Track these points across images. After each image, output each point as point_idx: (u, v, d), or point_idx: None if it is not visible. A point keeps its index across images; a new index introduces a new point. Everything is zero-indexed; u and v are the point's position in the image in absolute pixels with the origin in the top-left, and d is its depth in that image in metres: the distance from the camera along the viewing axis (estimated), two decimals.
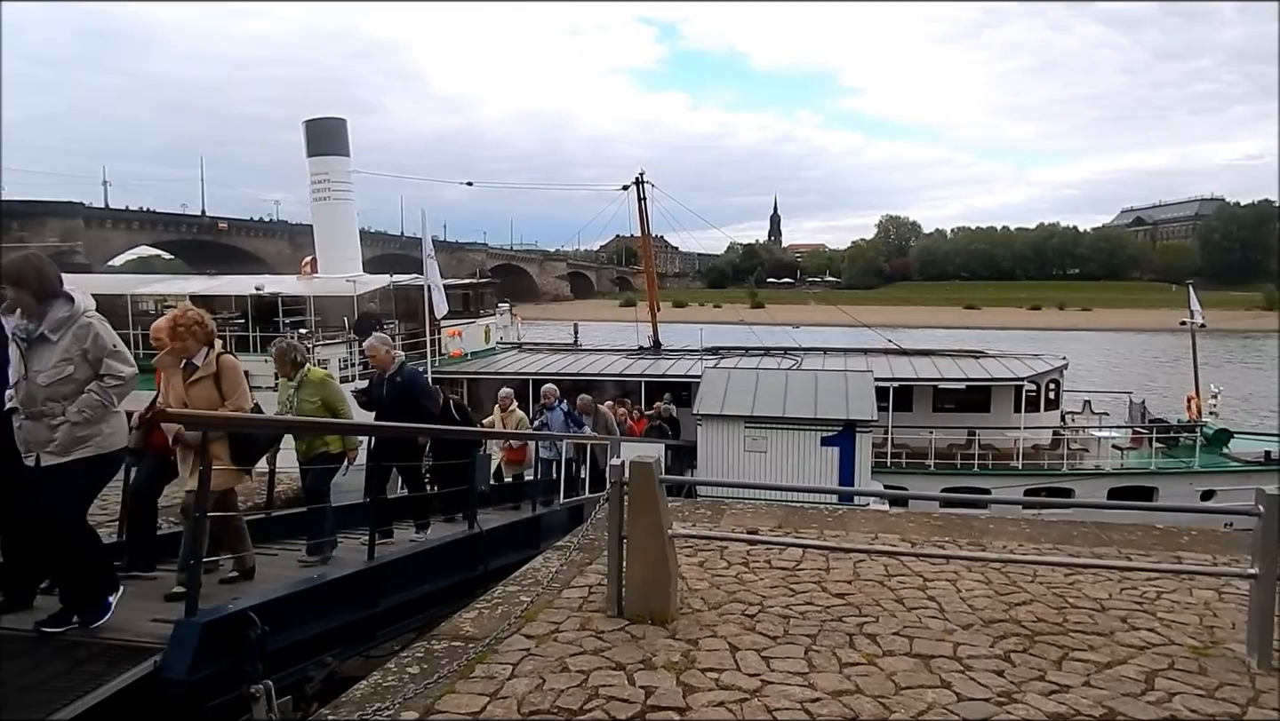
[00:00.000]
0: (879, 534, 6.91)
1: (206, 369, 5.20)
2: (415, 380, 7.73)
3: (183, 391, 5.19)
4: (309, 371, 6.63)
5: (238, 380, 5.26)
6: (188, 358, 5.21)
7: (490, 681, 3.94)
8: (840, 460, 15.48)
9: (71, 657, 3.68)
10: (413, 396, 7.54)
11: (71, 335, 4.21)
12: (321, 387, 6.54)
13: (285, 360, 6.63)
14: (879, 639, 4.50)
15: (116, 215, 75.25)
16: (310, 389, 6.51)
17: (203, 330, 5.23)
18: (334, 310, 21.16)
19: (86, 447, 4.21)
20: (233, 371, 5.26)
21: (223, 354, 5.33)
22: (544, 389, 11.99)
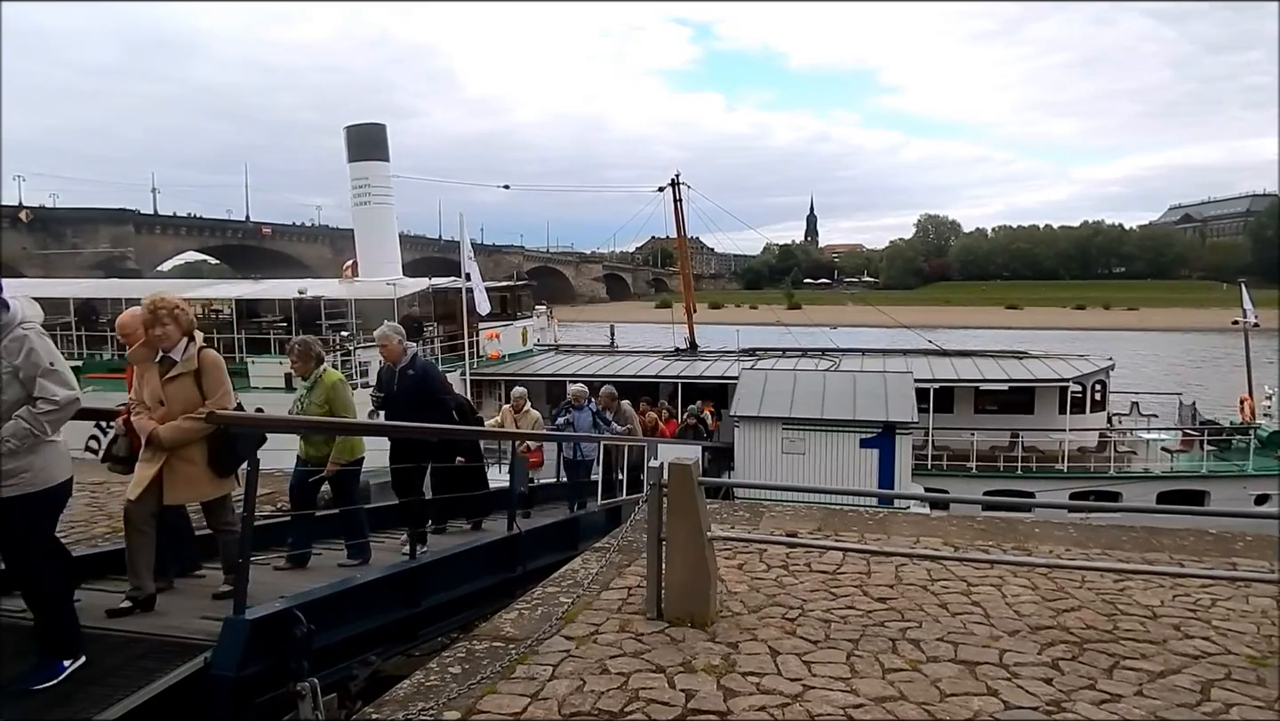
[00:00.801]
0: (921, 537, 6.82)
1: (186, 364, 4.70)
2: (429, 373, 7.18)
3: (159, 389, 4.68)
4: (325, 372, 6.28)
5: (221, 376, 4.77)
6: (165, 351, 4.72)
7: (531, 682, 3.96)
8: (880, 462, 15.31)
9: (128, 653, 3.78)
10: (427, 390, 7.00)
11: (2, 349, 3.62)
12: (331, 392, 6.19)
13: (308, 355, 6.25)
14: (923, 644, 4.44)
15: (165, 221, 77.18)
16: (321, 392, 6.18)
17: (180, 319, 4.72)
18: (375, 313, 21.41)
19: (14, 484, 3.61)
20: (216, 367, 4.77)
21: (205, 348, 4.83)
22: (571, 389, 11.47)
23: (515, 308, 25.87)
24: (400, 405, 6.90)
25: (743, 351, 24.04)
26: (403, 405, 6.88)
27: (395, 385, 6.99)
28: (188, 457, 4.62)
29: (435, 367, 7.70)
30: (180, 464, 4.61)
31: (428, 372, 7.14)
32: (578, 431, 10.59)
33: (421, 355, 7.43)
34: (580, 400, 11.07)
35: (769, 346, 26.00)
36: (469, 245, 20.01)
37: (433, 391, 7.04)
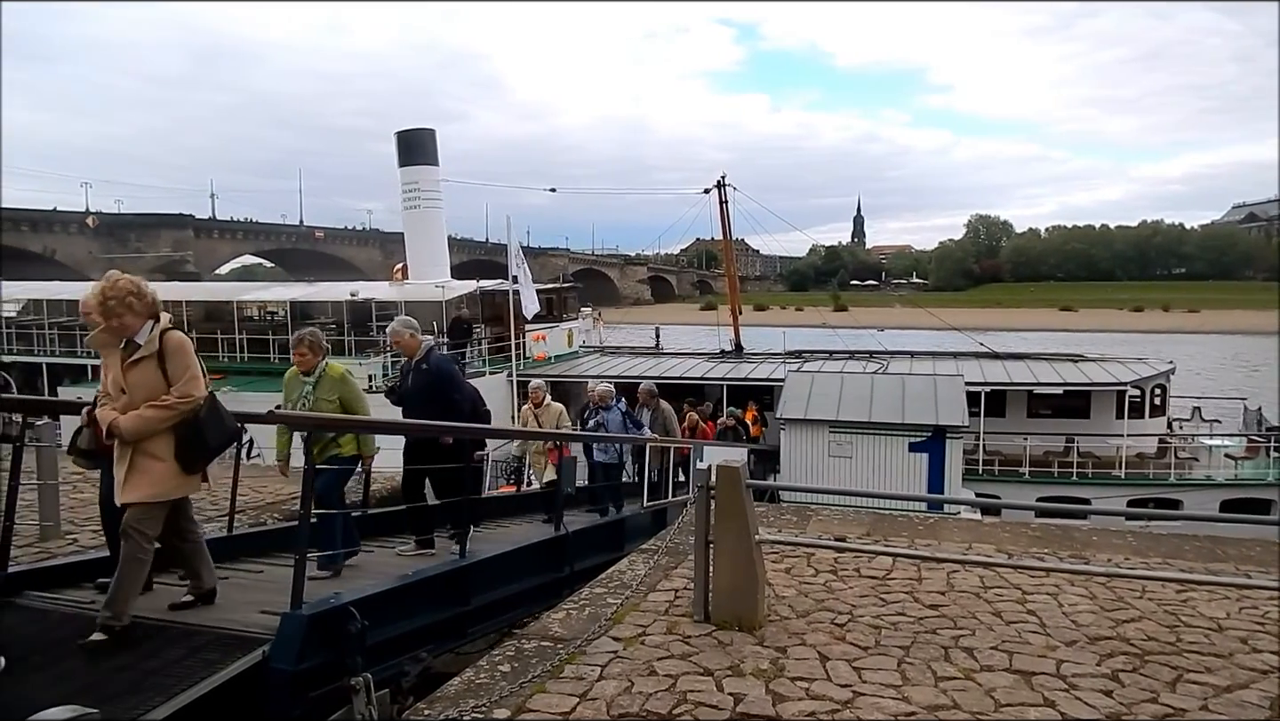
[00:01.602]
0: (973, 544, 6.70)
1: (149, 347, 4.25)
2: (442, 369, 6.71)
3: (121, 375, 4.26)
4: (328, 366, 5.84)
5: (187, 361, 4.28)
6: (128, 335, 4.28)
7: (579, 682, 3.98)
8: (929, 467, 15.06)
9: (190, 644, 3.90)
10: (438, 388, 6.54)
11: None
12: (341, 385, 5.78)
13: (319, 347, 5.86)
14: (976, 653, 4.35)
15: (223, 226, 79.41)
16: (328, 386, 5.76)
17: (140, 301, 4.25)
18: (424, 315, 21.74)
19: None
20: (181, 351, 4.28)
21: (169, 330, 4.34)
22: (597, 389, 10.64)
23: (561, 309, 26.03)
24: (413, 402, 6.61)
25: (789, 353, 23.85)
26: (415, 402, 6.58)
27: (410, 380, 6.72)
28: (151, 451, 4.18)
29: (451, 364, 7.03)
30: (143, 458, 4.17)
31: (440, 369, 6.69)
32: (608, 431, 10.02)
33: (440, 350, 7.04)
34: (606, 400, 10.36)
35: (815, 348, 25.74)
36: (517, 248, 20.20)
37: (444, 390, 6.58)
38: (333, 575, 5.40)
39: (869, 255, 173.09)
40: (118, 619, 4.02)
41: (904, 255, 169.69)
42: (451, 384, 6.69)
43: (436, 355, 6.78)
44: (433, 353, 6.75)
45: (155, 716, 3.31)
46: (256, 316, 25.79)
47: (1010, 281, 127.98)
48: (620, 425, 10.14)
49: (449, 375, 6.75)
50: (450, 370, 6.87)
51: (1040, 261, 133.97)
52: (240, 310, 23.52)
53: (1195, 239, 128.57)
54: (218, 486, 7.45)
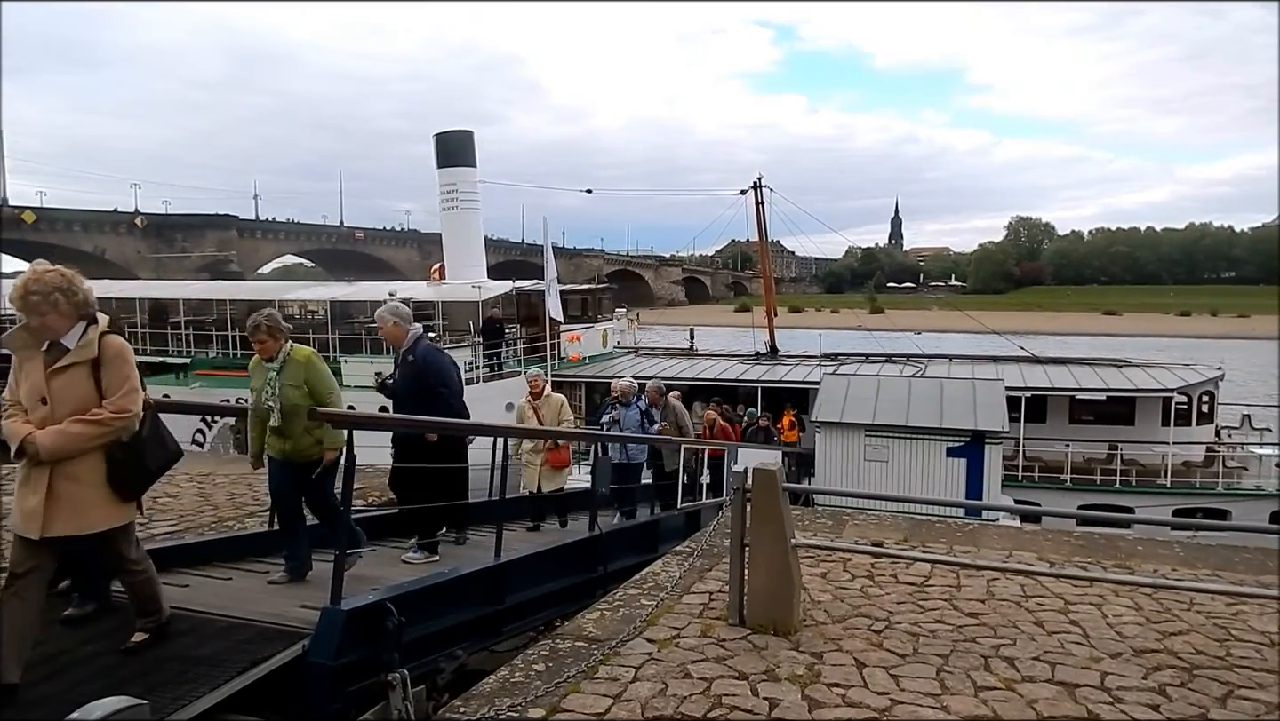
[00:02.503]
0: (1013, 551, 6.58)
1: (82, 352, 3.63)
2: (429, 359, 6.25)
3: (42, 383, 3.58)
4: (292, 350, 5.27)
5: (126, 370, 3.68)
6: (52, 337, 3.63)
7: (614, 683, 3.98)
8: (967, 472, 14.84)
9: (233, 637, 3.98)
10: (423, 381, 6.14)
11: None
12: (307, 369, 5.19)
13: (278, 331, 5.29)
14: (1017, 663, 4.28)
15: (265, 226, 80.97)
16: (294, 371, 5.19)
17: (68, 299, 3.61)
18: (460, 315, 22.00)
19: None
20: (120, 359, 3.68)
21: (108, 333, 3.74)
22: (617, 385, 10.02)
23: (596, 310, 26.11)
24: (400, 395, 6.27)
25: (824, 356, 23.66)
26: (401, 395, 6.25)
27: (398, 373, 6.36)
28: (76, 475, 3.54)
29: (439, 355, 6.41)
30: (66, 484, 3.52)
31: (427, 360, 6.23)
32: (625, 429, 9.47)
33: (429, 341, 6.52)
34: (627, 396, 9.78)
35: (851, 351, 25.50)
36: (551, 250, 20.32)
37: (428, 382, 6.15)
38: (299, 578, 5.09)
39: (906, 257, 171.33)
40: (156, 617, 3.98)
41: (942, 257, 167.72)
42: (437, 376, 6.21)
43: (424, 345, 6.32)
44: (420, 342, 6.30)
45: (200, 706, 3.38)
46: (298, 315, 26.25)
47: (1052, 285, 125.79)
48: (638, 423, 9.57)
49: (435, 367, 6.24)
50: (436, 361, 6.30)
51: (1083, 264, 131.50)
52: (282, 309, 23.93)
53: (1245, 242, 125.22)
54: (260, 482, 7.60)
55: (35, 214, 61.57)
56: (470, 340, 20.45)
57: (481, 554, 6.04)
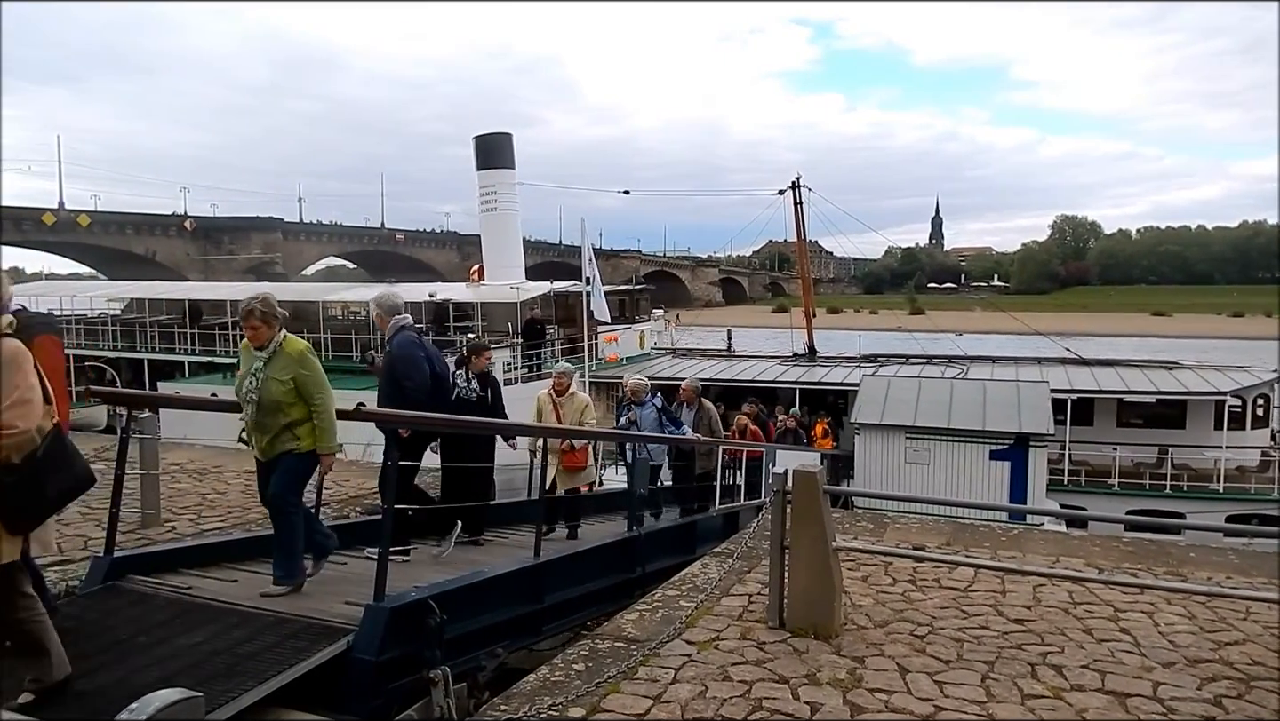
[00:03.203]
0: (1060, 557, 6.45)
1: None
2: (400, 352, 5.90)
3: None
4: (285, 341, 4.82)
5: (17, 379, 3.17)
6: None
7: (653, 684, 3.98)
8: (1011, 476, 14.60)
9: (280, 632, 4.05)
10: (393, 373, 5.91)
11: None
12: (300, 365, 4.74)
13: (273, 318, 4.84)
14: (1065, 671, 4.19)
15: (309, 229, 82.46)
16: (283, 364, 4.73)
17: None
18: (499, 315, 22.20)
19: None
20: (11, 366, 3.16)
21: (4, 335, 3.24)
22: (630, 382, 9.39)
23: (634, 311, 26.15)
24: (379, 386, 6.07)
25: (864, 357, 23.44)
26: (381, 385, 6.06)
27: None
28: None
29: (411, 348, 5.94)
30: None
31: (399, 352, 5.93)
32: (642, 429, 8.86)
33: (411, 333, 6.04)
34: (640, 395, 9.13)
35: (891, 352, 25.22)
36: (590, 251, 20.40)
37: (394, 375, 5.86)
38: (295, 589, 4.73)
39: (947, 257, 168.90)
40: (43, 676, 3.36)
41: (984, 257, 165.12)
42: (405, 368, 5.86)
43: (401, 337, 5.94)
44: (400, 334, 5.95)
45: (248, 700, 3.45)
46: (340, 316, 26.68)
47: (1098, 285, 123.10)
48: (654, 423, 8.98)
49: (402, 359, 5.92)
50: (406, 354, 5.92)
51: (1131, 264, 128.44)
52: (325, 310, 24.34)
53: None
54: None
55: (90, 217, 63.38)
56: (510, 341, 20.62)
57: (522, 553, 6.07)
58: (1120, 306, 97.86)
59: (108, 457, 8.21)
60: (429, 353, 5.96)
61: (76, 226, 62.17)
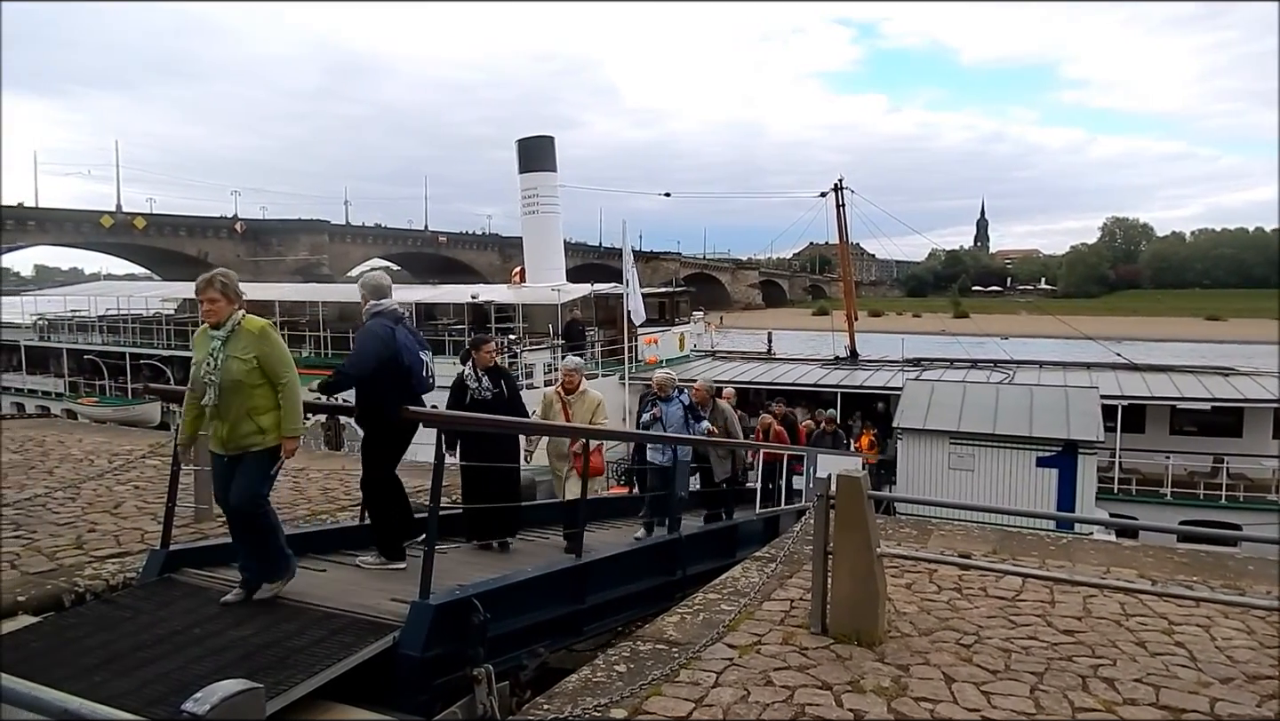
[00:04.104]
0: (1111, 567, 6.29)
1: None
2: (358, 339, 5.49)
3: None
4: (244, 319, 4.51)
5: None
6: None
7: (695, 688, 3.97)
8: (1059, 484, 14.29)
9: (329, 626, 4.13)
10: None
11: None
12: (261, 341, 4.46)
13: (230, 292, 4.55)
14: (1118, 684, 4.09)
15: (354, 231, 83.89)
16: (244, 342, 4.43)
17: None
18: (540, 317, 22.36)
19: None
20: None
21: None
22: (656, 376, 8.79)
23: (673, 313, 26.15)
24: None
25: (907, 361, 23.14)
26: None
27: None
28: None
29: (364, 332, 5.44)
30: None
31: (358, 334, 5.56)
32: (668, 429, 8.31)
33: (380, 318, 5.44)
34: (667, 390, 8.50)
35: (935, 356, 24.86)
36: (630, 254, 20.45)
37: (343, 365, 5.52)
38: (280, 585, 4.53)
39: (993, 260, 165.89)
40: None
41: (1031, 260, 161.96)
42: (351, 360, 5.44)
43: (372, 321, 5.44)
44: (373, 319, 5.45)
45: (299, 692, 3.53)
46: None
47: (1150, 288, 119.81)
48: (681, 421, 8.40)
49: (355, 348, 5.58)
50: (360, 342, 5.48)
51: (1185, 267, 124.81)
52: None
53: None
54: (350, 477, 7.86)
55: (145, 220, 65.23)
56: (550, 342, 20.76)
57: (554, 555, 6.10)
58: (1173, 310, 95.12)
59: (163, 454, 8.48)
60: (400, 343, 5.33)
61: (133, 229, 64.02)
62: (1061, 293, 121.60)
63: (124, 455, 9.42)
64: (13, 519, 6.71)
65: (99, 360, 27.41)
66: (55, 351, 29.38)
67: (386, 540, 5.48)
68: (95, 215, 62.69)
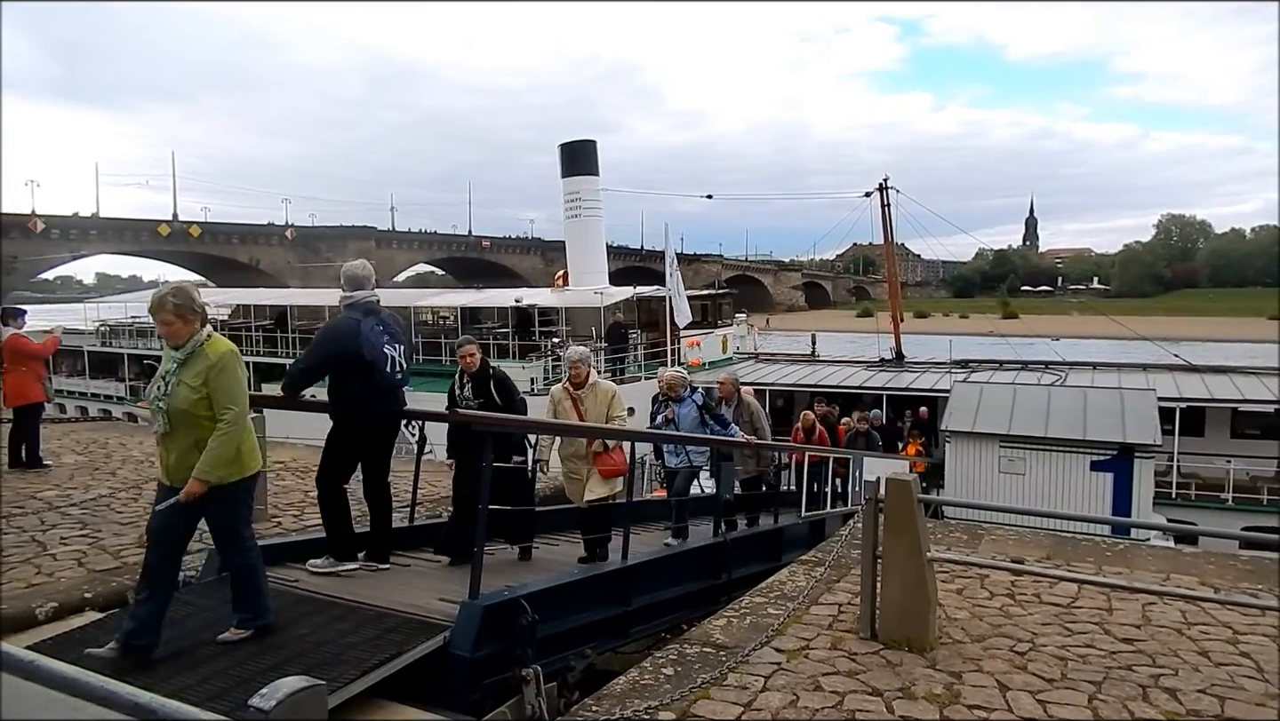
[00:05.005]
0: (1171, 574, 6.11)
1: None
2: (323, 326, 5.27)
3: None
4: (209, 341, 4.01)
5: None
6: None
7: (743, 692, 3.96)
8: (1114, 488, 13.92)
9: (381, 625, 4.20)
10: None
11: None
12: (216, 370, 3.93)
13: (188, 312, 3.98)
14: (1180, 695, 3.97)
15: (401, 237, 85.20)
16: (198, 368, 3.92)
17: None
18: (583, 320, 22.48)
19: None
20: None
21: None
22: (666, 375, 8.38)
23: (716, 316, 26.07)
24: None
25: (954, 363, 22.76)
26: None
27: None
28: None
29: (327, 328, 5.36)
30: None
31: (318, 332, 5.44)
32: (680, 430, 7.86)
33: (347, 313, 5.24)
34: (677, 389, 8.01)
35: (984, 358, 24.40)
36: (673, 256, 20.46)
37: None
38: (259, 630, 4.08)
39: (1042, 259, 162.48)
40: None
41: (1082, 259, 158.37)
42: (308, 349, 5.27)
43: (342, 314, 5.27)
44: (345, 312, 5.26)
45: (353, 690, 3.59)
46: (430, 321, 27.47)
47: (1208, 287, 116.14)
48: (695, 423, 7.91)
49: (313, 341, 5.51)
50: (317, 336, 5.42)
51: (1245, 265, 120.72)
52: (416, 315, 25.11)
53: None
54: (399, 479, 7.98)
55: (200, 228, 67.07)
56: (593, 345, 20.85)
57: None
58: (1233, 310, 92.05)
59: None
60: (364, 336, 5.07)
61: (188, 236, 65.83)
62: (1115, 292, 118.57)
63: None
64: (79, 518, 6.94)
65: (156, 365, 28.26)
66: (117, 356, 30.35)
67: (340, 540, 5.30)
68: (153, 224, 64.62)
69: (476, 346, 6.12)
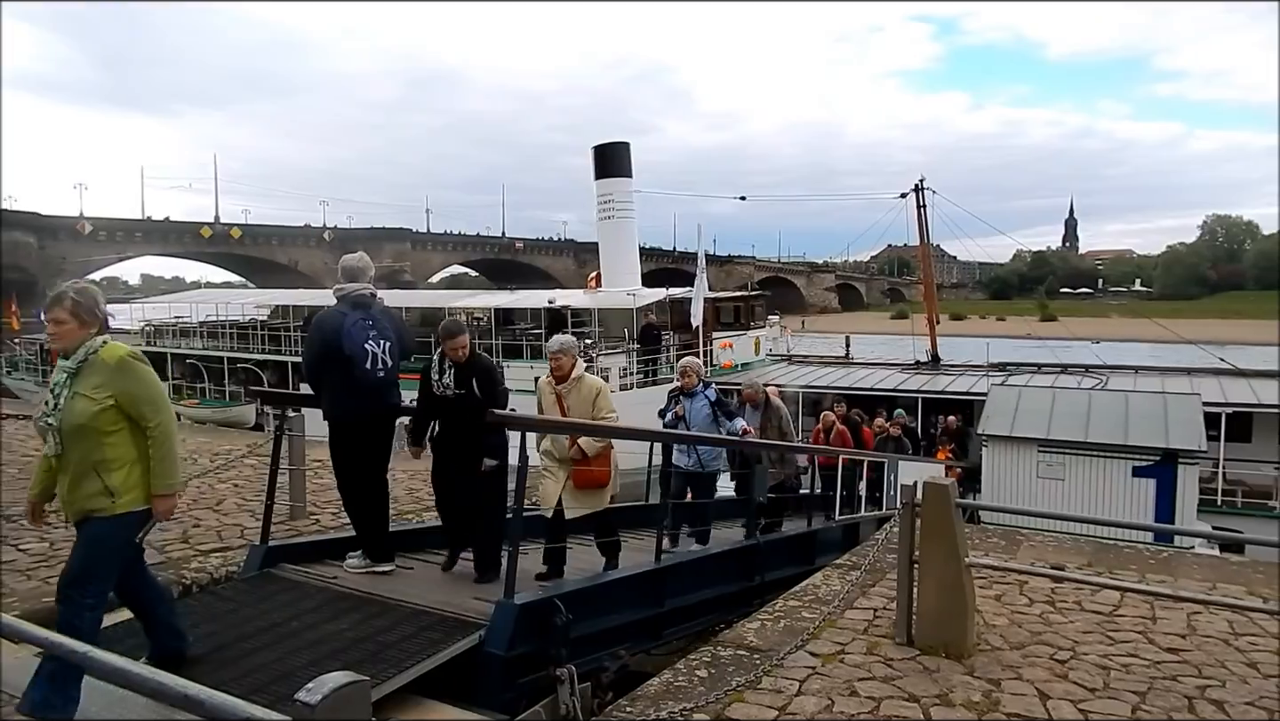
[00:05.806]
0: (1217, 583, 5.97)
1: None
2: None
3: None
4: (102, 348, 3.52)
5: None
6: None
7: (778, 695, 3.94)
8: (1157, 495, 13.58)
9: (418, 623, 4.26)
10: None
11: None
12: (120, 375, 3.48)
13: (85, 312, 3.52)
14: (1228, 706, 3.88)
15: (435, 239, 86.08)
16: (97, 377, 3.46)
17: None
18: (616, 321, 22.51)
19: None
20: None
21: None
22: (682, 363, 7.92)
23: (748, 317, 25.97)
24: None
25: (992, 365, 22.41)
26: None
27: None
28: None
29: (314, 320, 5.32)
30: None
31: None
32: (692, 428, 7.37)
33: (333, 306, 5.25)
34: (691, 382, 7.53)
35: (1022, 361, 24.00)
36: (703, 258, 20.42)
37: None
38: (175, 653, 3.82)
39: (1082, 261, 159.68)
40: None
41: (1124, 260, 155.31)
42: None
43: (331, 307, 5.22)
44: (337, 303, 5.21)
45: (391, 686, 3.65)
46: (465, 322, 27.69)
47: (1254, 289, 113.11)
48: (707, 419, 7.39)
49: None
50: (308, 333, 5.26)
51: None
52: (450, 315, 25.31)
53: None
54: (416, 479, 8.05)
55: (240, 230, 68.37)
56: (625, 346, 20.89)
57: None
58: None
59: (261, 453, 8.86)
60: (345, 331, 4.97)
61: (229, 239, 67.13)
62: (1157, 294, 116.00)
63: (224, 454, 9.87)
64: None
65: (200, 364, 28.82)
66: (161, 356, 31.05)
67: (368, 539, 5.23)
68: (196, 226, 66.03)
69: (468, 337, 5.62)
